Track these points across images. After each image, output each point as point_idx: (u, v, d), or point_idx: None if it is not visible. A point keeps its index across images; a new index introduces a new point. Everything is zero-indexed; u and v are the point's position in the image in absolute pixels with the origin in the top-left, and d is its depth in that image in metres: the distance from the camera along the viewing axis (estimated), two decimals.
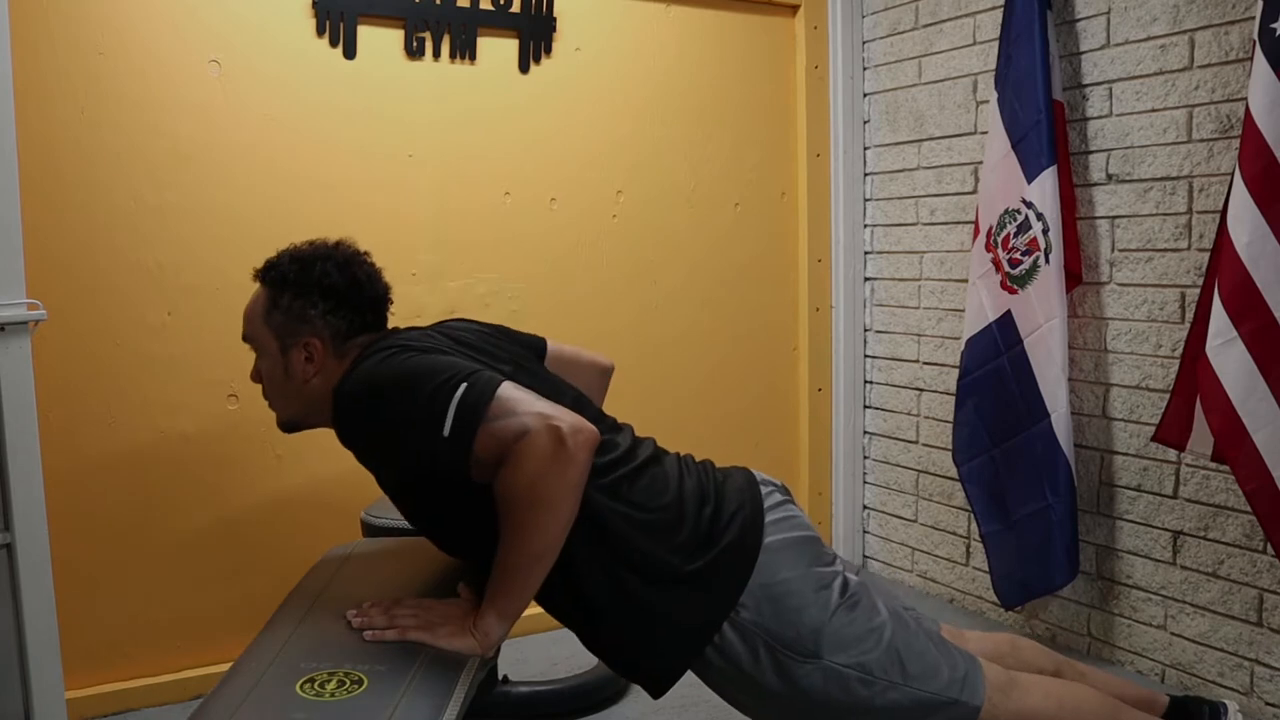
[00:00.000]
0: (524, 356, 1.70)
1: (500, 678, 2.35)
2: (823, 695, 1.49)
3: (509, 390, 1.40)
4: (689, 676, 1.56)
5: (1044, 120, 2.49)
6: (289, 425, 1.67)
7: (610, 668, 1.63)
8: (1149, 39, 2.42)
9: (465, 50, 2.70)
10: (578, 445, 1.36)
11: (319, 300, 1.59)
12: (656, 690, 1.56)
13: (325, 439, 2.63)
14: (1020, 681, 1.60)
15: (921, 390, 3.14)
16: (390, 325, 1.70)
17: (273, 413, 1.68)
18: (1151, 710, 1.79)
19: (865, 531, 3.42)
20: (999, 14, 2.68)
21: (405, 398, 1.42)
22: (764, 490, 1.61)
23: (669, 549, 1.51)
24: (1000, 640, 1.79)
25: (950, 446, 2.87)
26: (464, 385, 1.39)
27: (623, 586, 1.50)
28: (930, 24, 3.03)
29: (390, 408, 1.44)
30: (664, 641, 1.52)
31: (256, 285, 1.66)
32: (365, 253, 1.69)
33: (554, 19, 2.82)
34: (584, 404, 1.65)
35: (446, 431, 1.37)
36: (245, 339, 1.65)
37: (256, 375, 1.65)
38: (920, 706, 1.51)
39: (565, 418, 1.38)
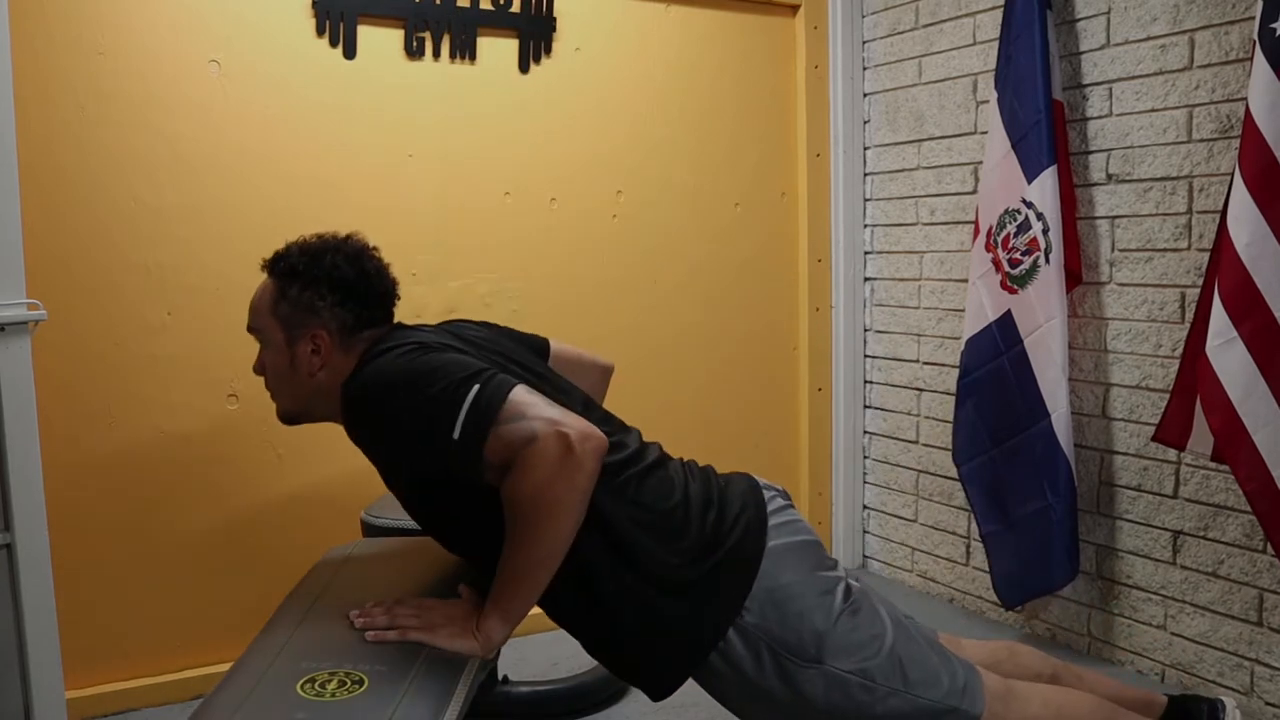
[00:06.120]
0: (530, 358, 1.69)
1: (500, 678, 2.35)
2: (825, 701, 1.49)
3: (521, 394, 1.39)
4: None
5: (1044, 120, 2.49)
6: (290, 418, 1.66)
7: (611, 672, 1.62)
8: (1149, 39, 2.42)
9: (465, 50, 2.70)
10: (586, 453, 1.36)
11: (328, 292, 1.57)
12: (658, 695, 1.56)
13: (326, 438, 2.64)
14: (1018, 690, 1.60)
15: (921, 390, 3.14)
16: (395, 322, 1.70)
17: (274, 404, 1.67)
18: (1149, 712, 1.79)
19: (865, 531, 3.42)
20: (999, 14, 2.68)
21: (417, 396, 1.41)
22: (766, 495, 1.61)
23: (675, 551, 1.50)
24: (997, 648, 1.79)
25: (950, 446, 2.87)
26: (476, 387, 1.38)
27: (628, 589, 1.49)
28: (930, 24, 3.03)
29: (402, 405, 1.43)
30: (669, 646, 1.51)
31: (264, 276, 1.64)
32: (374, 247, 1.67)
33: (554, 19, 2.82)
34: (592, 406, 1.65)
35: (457, 434, 1.37)
36: (250, 330, 1.64)
37: (260, 367, 1.64)
38: (921, 714, 1.51)
39: (575, 424, 1.37)
